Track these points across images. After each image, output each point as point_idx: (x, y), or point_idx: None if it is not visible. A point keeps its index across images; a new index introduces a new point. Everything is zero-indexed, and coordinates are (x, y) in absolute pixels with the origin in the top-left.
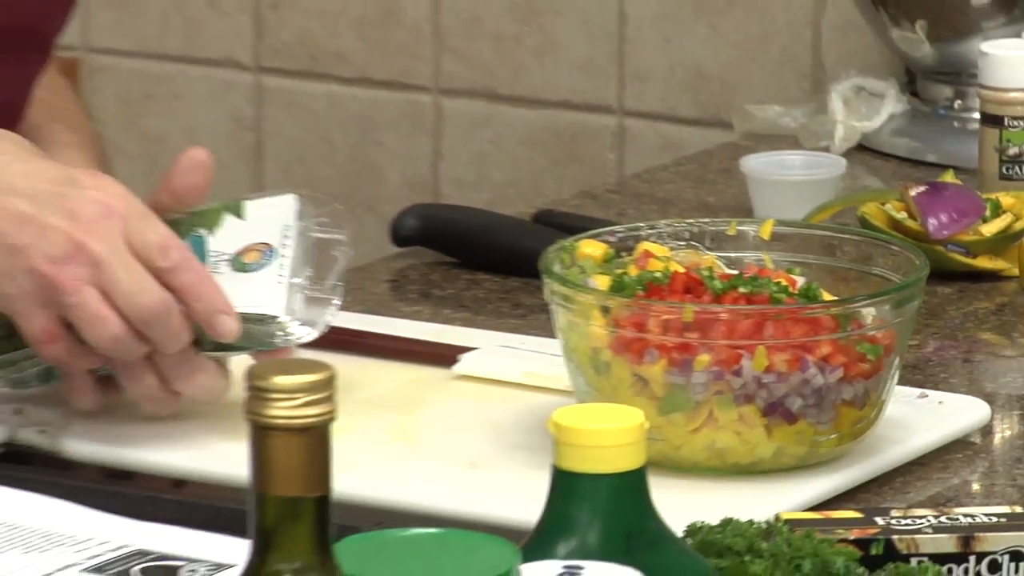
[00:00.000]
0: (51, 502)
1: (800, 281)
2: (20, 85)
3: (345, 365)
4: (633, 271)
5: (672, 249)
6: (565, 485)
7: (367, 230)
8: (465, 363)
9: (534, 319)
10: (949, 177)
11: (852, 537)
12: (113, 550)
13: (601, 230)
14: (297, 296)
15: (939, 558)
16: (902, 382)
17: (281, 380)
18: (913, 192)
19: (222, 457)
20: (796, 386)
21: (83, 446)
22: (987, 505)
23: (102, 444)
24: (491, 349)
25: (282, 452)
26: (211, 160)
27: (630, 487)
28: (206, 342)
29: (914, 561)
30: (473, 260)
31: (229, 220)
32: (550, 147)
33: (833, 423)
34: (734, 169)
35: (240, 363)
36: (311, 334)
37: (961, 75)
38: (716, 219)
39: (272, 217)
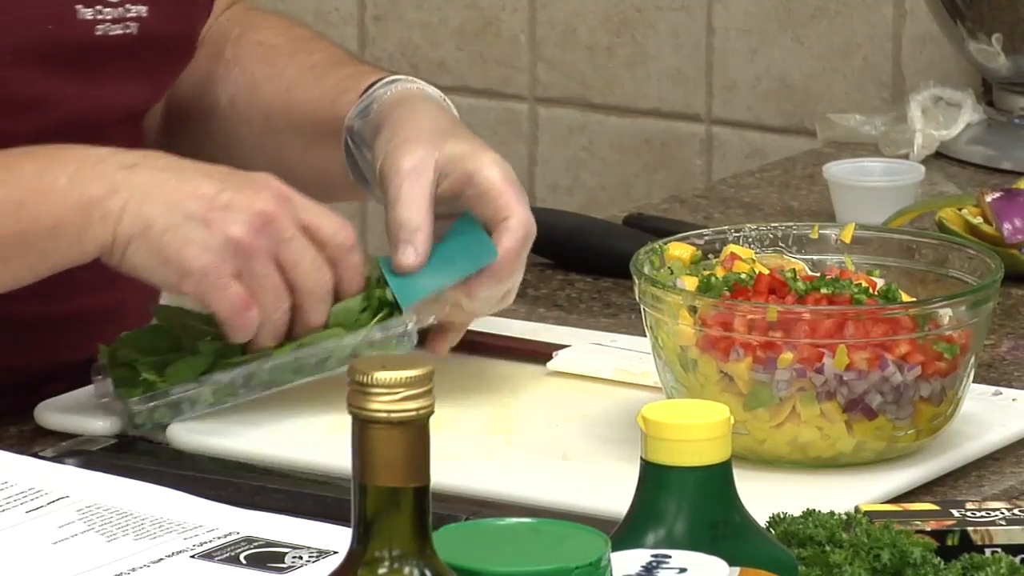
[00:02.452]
0: (162, 491)
1: (880, 283)
2: (165, 89)
3: (443, 361)
4: (720, 272)
5: (757, 252)
6: (654, 477)
7: None
8: (558, 360)
9: (624, 318)
10: (1023, 184)
11: (929, 528)
12: (221, 537)
13: (689, 233)
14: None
15: (1012, 549)
16: (977, 380)
17: (382, 375)
18: (989, 198)
19: (325, 449)
20: (876, 383)
21: (192, 437)
22: None
23: (210, 436)
24: (583, 347)
25: (383, 444)
26: None
27: (716, 479)
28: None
29: (988, 552)
30: (567, 261)
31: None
32: (641, 153)
33: (911, 419)
34: (817, 175)
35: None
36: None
37: None
38: (799, 223)
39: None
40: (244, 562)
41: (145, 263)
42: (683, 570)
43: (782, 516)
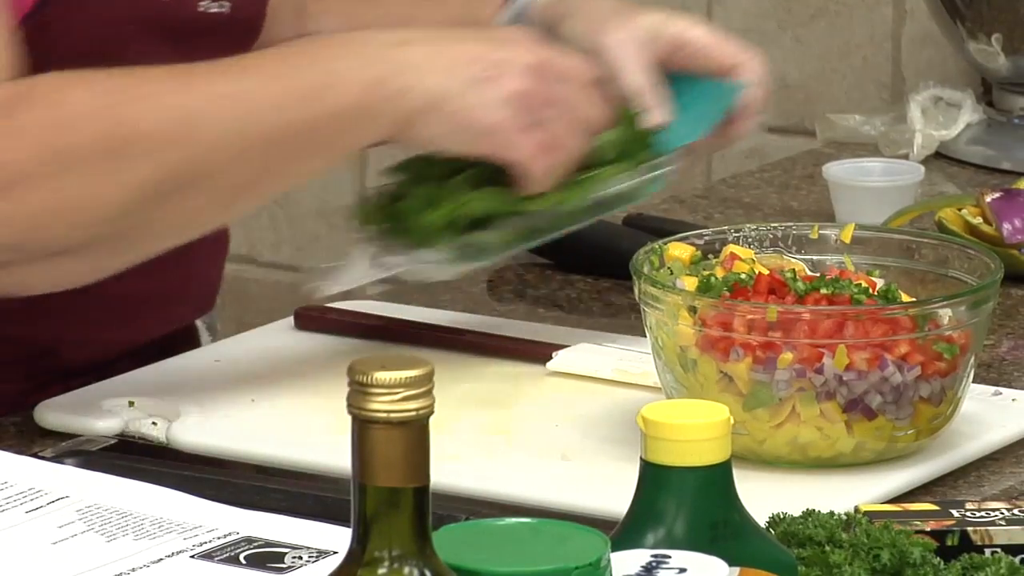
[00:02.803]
0: (162, 491)
1: (879, 283)
2: None
3: (443, 361)
4: (719, 273)
5: (757, 252)
6: (653, 477)
7: None
8: (558, 360)
9: (624, 318)
10: (1023, 184)
11: (928, 529)
12: (221, 537)
13: (689, 233)
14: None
15: (1012, 549)
16: (977, 380)
17: (382, 375)
18: (988, 198)
19: (325, 449)
20: (875, 384)
21: (193, 437)
22: None
23: (211, 435)
24: (583, 347)
25: (382, 444)
26: None
27: (716, 479)
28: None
29: (988, 552)
30: (566, 261)
31: None
32: None
33: (911, 419)
34: (817, 175)
35: None
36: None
37: None
38: (799, 223)
39: None
40: (244, 562)
41: (438, 133)
42: (683, 570)
43: (782, 516)
